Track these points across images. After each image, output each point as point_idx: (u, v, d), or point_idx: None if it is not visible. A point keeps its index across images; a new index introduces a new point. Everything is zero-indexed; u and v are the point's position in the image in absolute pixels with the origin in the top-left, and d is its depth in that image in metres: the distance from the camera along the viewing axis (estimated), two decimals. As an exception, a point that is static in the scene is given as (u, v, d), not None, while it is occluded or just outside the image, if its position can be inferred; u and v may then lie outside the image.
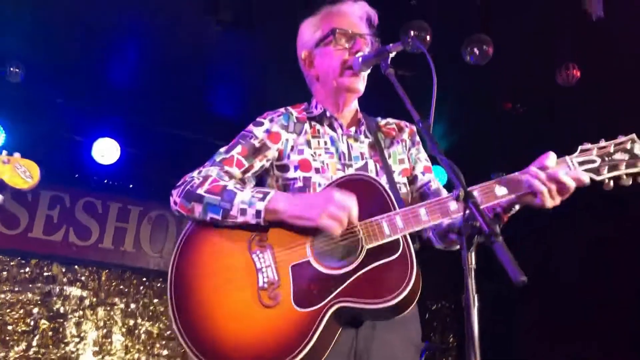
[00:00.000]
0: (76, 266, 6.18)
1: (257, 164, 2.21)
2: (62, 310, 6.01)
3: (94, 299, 6.17)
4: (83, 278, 6.20)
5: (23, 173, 3.06)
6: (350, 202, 1.87)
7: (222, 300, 1.91)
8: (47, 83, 5.34)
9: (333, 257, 1.93)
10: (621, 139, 1.98)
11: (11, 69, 4.92)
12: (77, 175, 6.24)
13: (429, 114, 1.83)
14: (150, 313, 6.35)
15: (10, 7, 4.38)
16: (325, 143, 2.23)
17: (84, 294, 6.14)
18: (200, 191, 2.04)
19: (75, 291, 6.11)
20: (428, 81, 1.90)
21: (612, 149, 1.95)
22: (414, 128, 2.43)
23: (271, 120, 2.25)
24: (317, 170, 2.15)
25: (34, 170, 3.10)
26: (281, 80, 4.32)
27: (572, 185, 1.84)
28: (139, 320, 6.30)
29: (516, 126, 6.21)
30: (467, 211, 1.49)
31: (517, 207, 1.97)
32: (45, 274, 6.07)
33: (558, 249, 7.03)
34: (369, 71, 2.23)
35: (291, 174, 2.17)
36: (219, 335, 1.86)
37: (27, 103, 5.31)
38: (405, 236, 1.90)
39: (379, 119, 2.45)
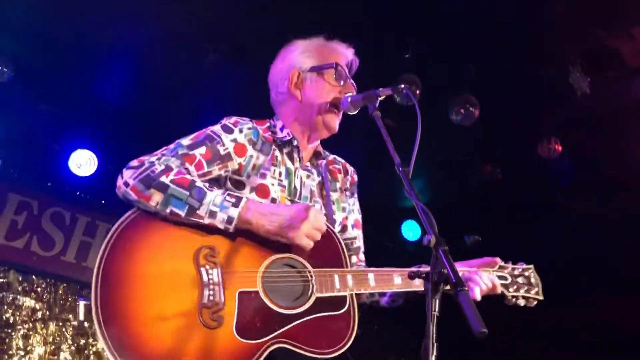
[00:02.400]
0: (34, 276, 5.97)
1: (216, 172, 2.10)
2: (11, 320, 5.77)
3: (47, 313, 5.95)
4: (39, 289, 5.99)
5: None
6: (322, 222, 1.95)
7: (160, 310, 1.77)
8: (34, 86, 5.29)
9: (282, 295, 1.92)
10: (524, 266, 2.35)
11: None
12: (49, 184, 6.11)
13: (409, 163, 1.87)
14: (103, 334, 6.12)
15: (8, 6, 4.36)
16: (280, 174, 2.19)
17: (37, 306, 5.92)
18: (164, 179, 1.92)
19: (28, 302, 5.88)
20: (409, 134, 1.96)
21: (517, 272, 2.32)
22: (356, 177, 2.48)
23: (240, 131, 2.16)
24: (273, 201, 2.11)
25: None
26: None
27: (488, 286, 2.15)
28: (91, 340, 6.07)
29: (493, 192, 6.28)
30: (437, 258, 1.48)
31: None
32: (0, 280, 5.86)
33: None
34: (355, 112, 2.25)
35: (246, 194, 2.09)
36: (151, 348, 1.73)
37: (9, 103, 5.23)
38: (352, 295, 1.98)
39: (327, 153, 2.43)
